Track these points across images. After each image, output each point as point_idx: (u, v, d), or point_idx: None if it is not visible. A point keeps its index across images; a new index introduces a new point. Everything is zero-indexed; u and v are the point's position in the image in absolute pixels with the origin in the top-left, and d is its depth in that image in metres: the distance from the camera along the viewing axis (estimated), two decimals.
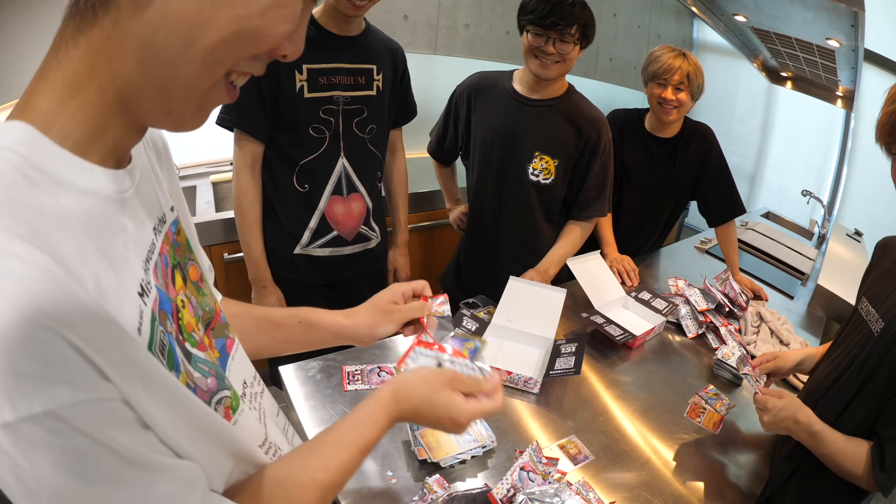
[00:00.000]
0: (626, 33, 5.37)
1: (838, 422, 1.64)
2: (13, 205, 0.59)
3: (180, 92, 0.70)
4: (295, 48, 0.76)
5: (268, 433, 1.02)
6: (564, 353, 2.08)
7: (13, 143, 0.62)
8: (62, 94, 0.66)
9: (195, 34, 0.66)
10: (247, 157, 2.29)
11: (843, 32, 3.04)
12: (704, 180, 3.10)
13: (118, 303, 0.65)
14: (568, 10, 2.32)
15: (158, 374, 0.69)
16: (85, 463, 0.59)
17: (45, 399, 0.54)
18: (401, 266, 2.89)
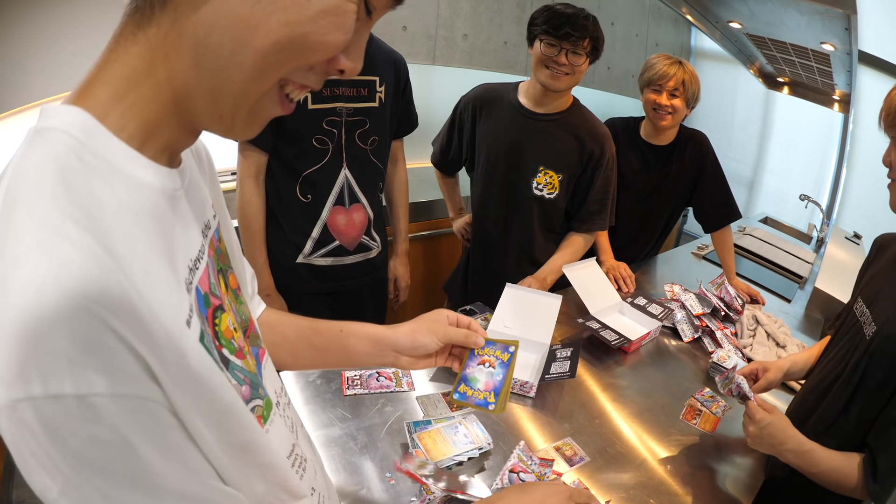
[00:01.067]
0: (624, 42, 5.39)
1: (834, 426, 1.66)
2: (69, 188, 0.59)
3: (232, 97, 0.69)
4: (353, 65, 0.75)
5: (296, 442, 1.00)
6: (560, 357, 2.10)
7: (70, 127, 0.63)
8: (120, 86, 0.66)
9: (247, 37, 0.65)
10: (251, 167, 2.31)
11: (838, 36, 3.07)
12: (700, 186, 3.13)
13: (168, 295, 0.65)
14: (582, 24, 2.39)
15: (206, 368, 0.69)
16: (108, 459, 0.57)
17: (76, 382, 0.53)
18: (401, 275, 2.92)
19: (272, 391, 0.93)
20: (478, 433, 1.74)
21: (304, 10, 0.65)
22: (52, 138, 0.62)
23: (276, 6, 0.64)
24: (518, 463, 1.66)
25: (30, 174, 0.59)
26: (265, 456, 0.82)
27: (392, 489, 1.54)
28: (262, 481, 0.83)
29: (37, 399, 0.52)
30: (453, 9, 3.95)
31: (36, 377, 0.52)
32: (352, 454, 1.64)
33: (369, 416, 1.77)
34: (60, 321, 0.52)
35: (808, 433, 1.68)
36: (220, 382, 0.71)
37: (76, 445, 0.55)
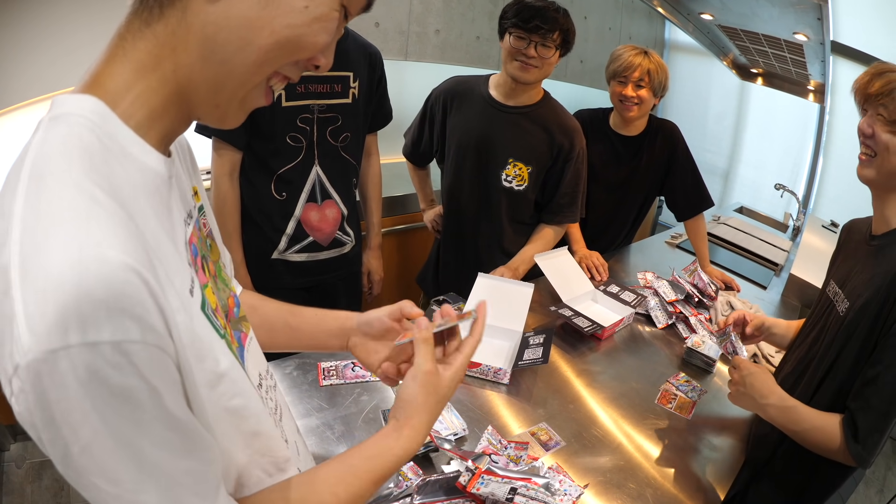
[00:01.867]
0: (597, 35, 5.39)
1: (812, 402, 1.67)
2: (94, 162, 0.65)
3: (231, 88, 0.79)
4: (327, 60, 0.85)
5: (278, 424, 1.03)
6: (533, 344, 2.12)
7: (87, 112, 0.69)
8: (129, 78, 0.73)
9: (252, 36, 0.74)
10: (225, 164, 2.31)
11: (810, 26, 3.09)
12: (671, 176, 3.15)
13: (176, 265, 0.72)
14: (551, 16, 2.39)
15: (209, 333, 0.76)
16: (135, 408, 0.60)
17: (114, 329, 0.56)
18: (374, 268, 2.92)
19: (255, 373, 0.98)
20: (453, 420, 1.75)
21: (302, 15, 0.76)
22: (72, 121, 0.68)
23: (279, 11, 0.74)
24: (488, 446, 1.68)
25: (56, 149, 0.65)
26: (254, 423, 0.87)
27: None
28: (247, 449, 0.86)
29: (73, 347, 0.55)
30: (425, 4, 3.95)
31: (75, 326, 0.55)
32: (329, 443, 1.65)
33: (346, 406, 1.79)
34: (102, 274, 0.57)
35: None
36: (221, 348, 0.79)
37: (108, 394, 0.58)
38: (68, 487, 2.97)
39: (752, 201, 5.61)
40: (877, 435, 1.52)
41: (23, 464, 3.04)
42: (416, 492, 1.45)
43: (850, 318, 1.62)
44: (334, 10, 0.79)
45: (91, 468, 0.60)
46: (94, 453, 0.59)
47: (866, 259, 1.69)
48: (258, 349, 1.08)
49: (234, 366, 0.81)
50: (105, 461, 0.60)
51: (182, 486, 0.67)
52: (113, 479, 0.61)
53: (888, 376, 1.51)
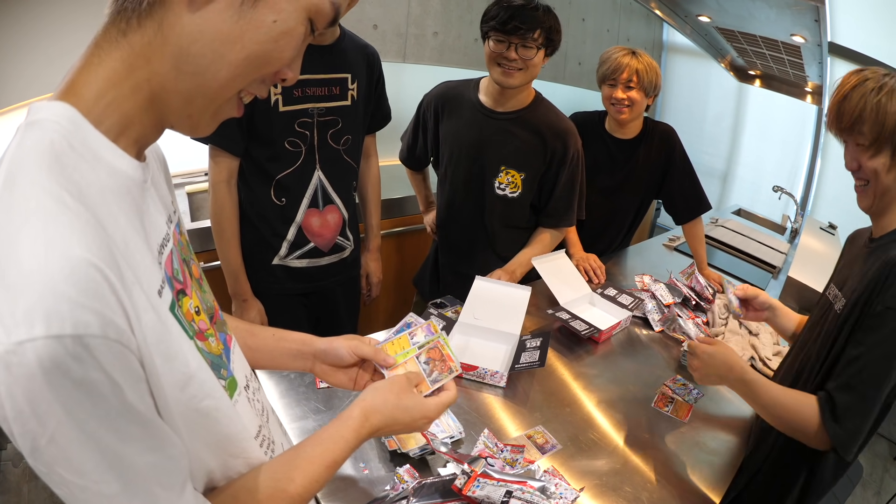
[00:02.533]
0: (594, 37, 5.40)
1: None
2: (63, 167, 0.68)
3: (203, 99, 0.82)
4: (294, 74, 0.88)
5: (264, 425, 1.08)
6: (530, 347, 2.12)
7: (59, 118, 0.72)
8: (102, 86, 0.75)
9: (225, 50, 0.78)
10: (222, 171, 2.29)
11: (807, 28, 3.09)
12: (668, 179, 3.14)
13: (144, 266, 0.75)
14: (530, 14, 2.32)
15: (177, 334, 0.79)
16: (97, 400, 0.63)
17: (76, 323, 0.59)
18: (373, 271, 2.91)
19: (241, 375, 1.03)
20: (449, 423, 1.76)
21: (271, 30, 0.79)
22: (45, 127, 0.71)
23: (250, 26, 0.78)
24: (484, 449, 1.69)
25: (29, 154, 0.68)
26: (226, 425, 0.89)
27: (366, 479, 1.57)
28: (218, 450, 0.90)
29: (38, 340, 0.58)
30: (424, 7, 3.96)
31: (40, 320, 0.58)
32: None
33: (342, 408, 1.76)
34: (65, 271, 0.60)
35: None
36: (190, 348, 0.82)
37: (71, 386, 0.61)
38: None
39: (749, 203, 5.61)
40: (856, 418, 1.52)
41: (20, 463, 3.04)
42: (412, 494, 1.46)
43: (844, 314, 1.62)
44: (301, 24, 0.83)
45: (58, 459, 0.63)
46: (60, 444, 0.62)
47: (864, 260, 1.70)
48: (241, 353, 1.11)
49: (202, 368, 0.84)
50: (70, 452, 0.63)
51: (146, 479, 0.70)
52: (78, 471, 0.64)
53: (869, 357, 1.52)
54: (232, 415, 0.91)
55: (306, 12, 0.83)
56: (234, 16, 0.77)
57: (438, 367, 1.39)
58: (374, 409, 1.17)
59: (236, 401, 0.97)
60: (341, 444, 1.09)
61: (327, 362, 1.39)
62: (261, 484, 0.95)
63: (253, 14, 0.78)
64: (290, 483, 0.98)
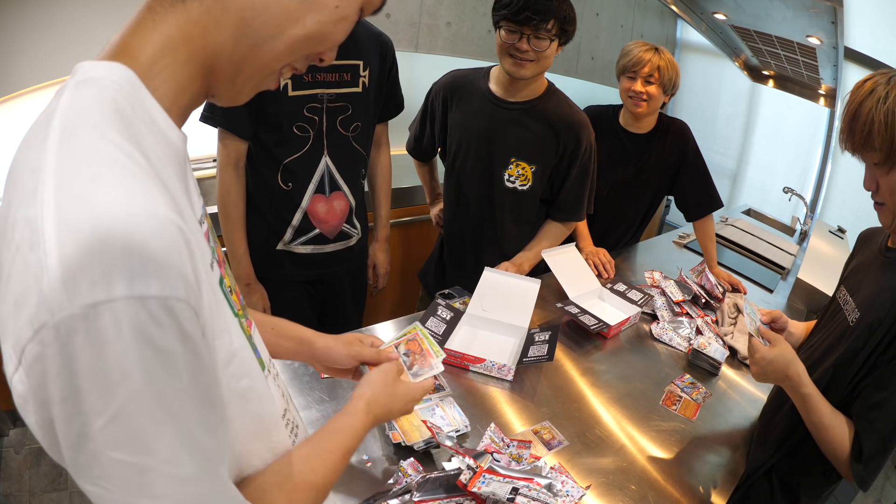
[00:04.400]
0: (608, 32, 5.38)
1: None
2: (127, 125, 0.66)
3: (254, 69, 0.83)
4: (332, 55, 0.90)
5: (288, 407, 1.08)
6: (538, 341, 2.11)
7: (120, 78, 0.69)
8: (157, 51, 0.74)
9: (286, 26, 0.79)
10: (230, 155, 2.28)
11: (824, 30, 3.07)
12: (681, 176, 3.13)
13: (197, 238, 0.70)
14: (544, 4, 2.24)
15: (225, 308, 0.79)
16: (174, 372, 0.59)
17: (162, 284, 0.56)
18: (380, 261, 2.89)
19: (266, 358, 1.02)
20: (455, 416, 1.75)
21: (332, 14, 0.82)
22: (104, 85, 0.68)
23: (313, 7, 0.80)
24: (490, 444, 1.68)
25: (88, 108, 0.65)
26: (258, 406, 0.89)
27: (369, 471, 1.56)
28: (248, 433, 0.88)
29: (118, 301, 0.54)
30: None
31: (122, 278, 0.54)
32: None
33: (346, 398, 1.75)
34: (152, 227, 0.57)
35: (788, 418, 1.73)
36: (235, 325, 0.82)
37: (152, 354, 0.57)
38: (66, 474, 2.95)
39: (759, 204, 5.61)
40: (879, 458, 1.52)
41: (21, 449, 3.05)
42: (415, 488, 1.45)
43: (857, 332, 1.60)
44: (356, 11, 0.86)
45: (119, 440, 0.56)
46: (127, 420, 0.56)
47: (879, 270, 1.68)
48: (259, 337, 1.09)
49: (245, 346, 0.84)
50: (139, 428, 0.57)
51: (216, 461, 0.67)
52: (145, 449, 0.58)
53: (894, 401, 1.51)
54: (265, 395, 0.91)
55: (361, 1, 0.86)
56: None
57: (419, 362, 1.43)
58: (375, 400, 1.21)
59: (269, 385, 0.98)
60: (352, 434, 1.11)
61: (325, 363, 1.43)
62: (286, 476, 0.95)
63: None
64: (312, 474, 0.98)
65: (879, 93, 1.46)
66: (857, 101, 1.50)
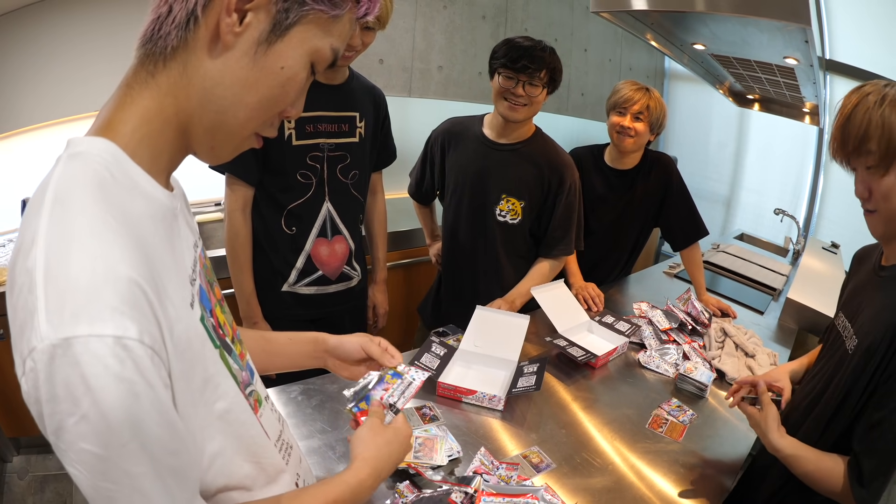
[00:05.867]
0: (597, 68, 5.49)
1: (819, 442, 1.67)
2: (107, 194, 0.77)
3: (224, 135, 0.93)
4: (297, 111, 0.98)
5: (283, 430, 1.21)
6: (527, 372, 2.20)
7: (103, 152, 0.81)
8: (136, 122, 0.86)
9: (243, 93, 0.89)
10: (238, 199, 2.41)
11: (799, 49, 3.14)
12: (666, 207, 3.24)
13: (177, 283, 0.86)
14: (538, 56, 2.53)
15: (204, 342, 0.91)
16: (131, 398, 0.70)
17: (116, 326, 0.68)
18: (379, 302, 3.02)
19: (261, 387, 1.17)
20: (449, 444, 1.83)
21: (279, 76, 0.90)
22: (88, 159, 0.80)
23: (263, 73, 0.88)
24: (479, 466, 1.76)
25: (75, 181, 0.77)
26: (241, 427, 1.01)
27: None
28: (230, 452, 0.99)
29: (82, 337, 0.67)
30: (428, 41, 4.06)
31: (85, 320, 0.67)
32: (330, 462, 1.74)
33: (347, 429, 1.86)
34: (110, 283, 0.70)
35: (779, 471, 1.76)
36: (213, 355, 0.94)
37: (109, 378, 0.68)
38: (70, 501, 3.06)
39: (753, 227, 5.64)
40: (881, 479, 1.51)
41: (25, 476, 3.11)
42: None
43: (856, 359, 1.60)
44: (304, 69, 0.93)
45: (85, 434, 0.69)
46: (92, 420, 0.69)
47: (874, 292, 1.68)
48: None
49: (221, 373, 0.96)
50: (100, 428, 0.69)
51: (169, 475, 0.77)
52: (104, 443, 0.70)
53: (892, 419, 1.49)
54: (246, 419, 1.02)
55: (309, 57, 0.92)
56: (250, 63, 0.87)
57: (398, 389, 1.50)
58: (365, 448, 1.27)
59: (264, 410, 1.12)
60: (340, 485, 1.15)
61: (338, 358, 1.55)
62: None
63: (265, 61, 0.88)
64: None
65: (873, 98, 1.47)
66: (850, 107, 1.51)
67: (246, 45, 0.86)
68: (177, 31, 0.85)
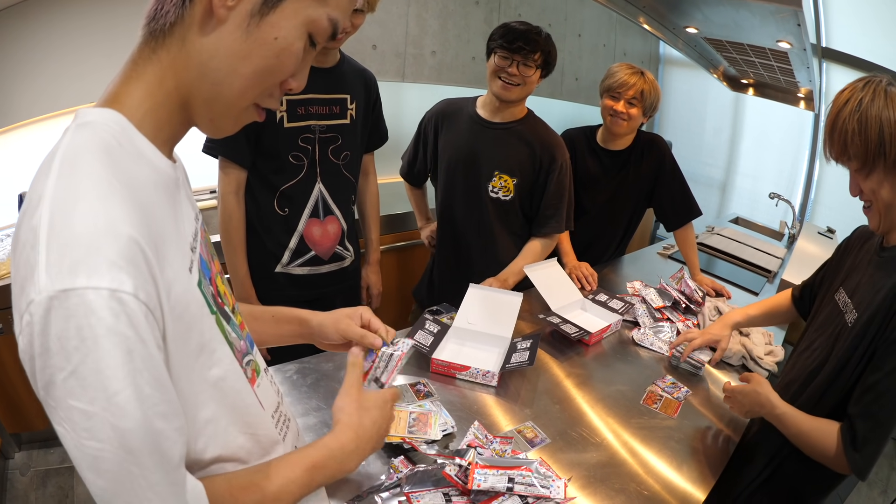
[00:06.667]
0: (591, 52, 5.50)
1: (816, 409, 1.71)
2: (113, 159, 0.81)
3: (222, 107, 0.95)
4: (298, 83, 1.00)
5: (281, 402, 1.23)
6: (520, 349, 2.21)
7: (110, 121, 0.85)
8: (141, 95, 0.89)
9: (237, 64, 0.90)
10: (231, 182, 2.42)
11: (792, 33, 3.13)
12: (659, 187, 3.26)
13: (177, 248, 0.89)
14: (534, 38, 2.59)
15: (200, 307, 0.93)
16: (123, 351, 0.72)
17: (112, 279, 0.70)
18: (373, 283, 3.04)
19: (260, 359, 1.17)
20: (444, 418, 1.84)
21: (273, 46, 0.91)
22: (97, 128, 0.84)
23: (257, 44, 0.90)
24: (473, 440, 1.78)
25: (85, 147, 0.80)
26: (234, 397, 1.01)
27: (363, 469, 1.64)
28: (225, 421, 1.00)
29: (79, 289, 0.69)
30: (422, 27, 4.07)
31: (83, 272, 0.70)
32: None
33: None
34: (110, 238, 0.72)
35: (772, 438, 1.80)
36: (209, 321, 0.95)
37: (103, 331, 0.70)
38: (72, 495, 3.07)
39: (749, 212, 5.64)
40: (875, 444, 1.54)
41: (27, 471, 3.13)
42: (404, 482, 1.56)
43: (857, 330, 1.64)
44: (299, 39, 0.93)
45: (74, 390, 0.71)
46: (82, 375, 0.71)
47: (875, 270, 1.71)
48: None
49: (217, 339, 0.97)
50: (90, 381, 0.71)
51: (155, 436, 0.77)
52: (93, 398, 0.71)
53: (888, 383, 1.53)
54: (241, 388, 1.03)
55: (305, 28, 0.93)
56: (243, 35, 0.88)
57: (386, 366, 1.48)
58: (344, 413, 1.26)
59: (261, 378, 1.13)
60: (321, 448, 1.16)
61: (321, 339, 1.54)
62: (240, 476, 1.02)
63: (258, 33, 0.89)
64: (265, 478, 1.03)
65: (854, 101, 1.54)
66: (835, 112, 1.59)
67: (239, 18, 0.88)
68: (175, 8, 0.87)
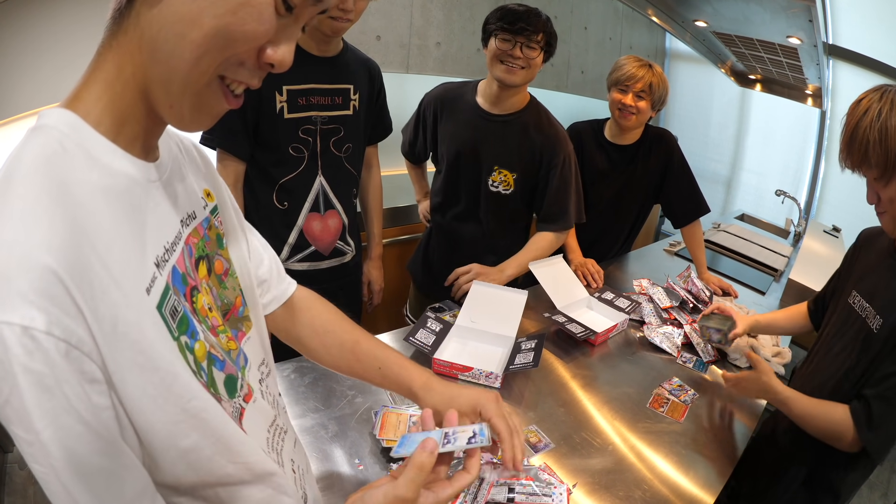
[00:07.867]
0: (597, 46, 5.43)
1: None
2: (50, 168, 0.72)
3: (177, 86, 0.80)
4: (280, 56, 0.83)
5: (278, 414, 1.14)
6: (525, 349, 2.17)
7: (59, 124, 0.77)
8: (99, 89, 0.81)
9: (185, 30, 0.76)
10: (229, 175, 2.36)
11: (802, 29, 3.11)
12: (667, 184, 3.21)
13: (130, 265, 0.78)
14: (534, 19, 2.48)
15: (159, 332, 0.80)
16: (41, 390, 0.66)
17: (23, 315, 0.64)
18: (374, 278, 2.98)
19: (255, 365, 1.09)
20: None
21: (227, 2, 0.76)
22: (45, 133, 0.76)
23: (207, 2, 0.75)
24: None
25: (26, 158, 0.73)
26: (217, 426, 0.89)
27: (361, 474, 1.61)
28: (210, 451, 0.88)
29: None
30: (426, 17, 4.01)
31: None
32: (323, 442, 1.70)
33: (340, 407, 1.84)
34: (22, 270, 0.65)
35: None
36: (171, 348, 0.82)
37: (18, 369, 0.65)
38: None
39: (754, 209, 5.63)
40: (890, 425, 1.58)
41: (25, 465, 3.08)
42: None
43: (885, 335, 1.65)
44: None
45: (11, 419, 0.67)
46: (13, 408, 0.66)
47: (892, 273, 1.74)
48: (257, 344, 1.15)
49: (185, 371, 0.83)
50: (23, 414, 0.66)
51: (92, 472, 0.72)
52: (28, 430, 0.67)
53: None
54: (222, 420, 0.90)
55: None
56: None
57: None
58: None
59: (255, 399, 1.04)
60: None
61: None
62: None
63: None
64: None
65: (873, 111, 1.54)
66: (854, 122, 1.58)
67: None
68: None
